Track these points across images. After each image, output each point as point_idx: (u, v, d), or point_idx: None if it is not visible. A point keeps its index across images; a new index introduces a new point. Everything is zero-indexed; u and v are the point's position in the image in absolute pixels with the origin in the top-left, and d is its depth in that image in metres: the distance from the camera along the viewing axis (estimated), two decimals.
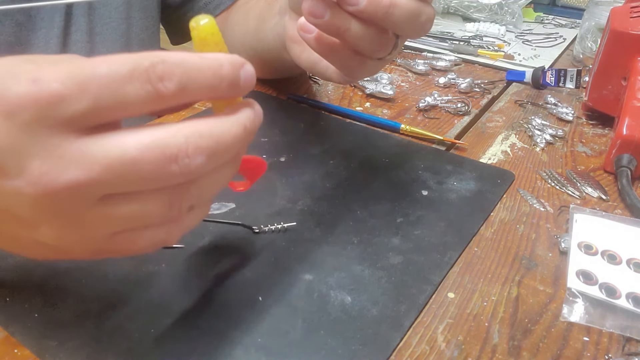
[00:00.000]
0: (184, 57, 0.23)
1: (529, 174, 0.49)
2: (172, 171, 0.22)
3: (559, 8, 1.09)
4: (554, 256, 0.39)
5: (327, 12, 0.32)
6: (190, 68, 0.23)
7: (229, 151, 0.24)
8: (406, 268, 0.36)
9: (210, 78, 0.23)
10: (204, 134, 0.23)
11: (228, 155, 0.25)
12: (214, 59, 0.24)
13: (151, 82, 0.22)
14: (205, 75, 0.23)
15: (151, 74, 0.22)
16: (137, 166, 0.22)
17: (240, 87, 0.25)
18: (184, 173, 0.23)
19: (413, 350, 0.31)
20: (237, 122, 0.25)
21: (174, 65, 0.22)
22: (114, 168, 0.21)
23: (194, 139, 0.23)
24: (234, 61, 0.24)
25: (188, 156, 0.22)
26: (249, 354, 0.30)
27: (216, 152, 0.23)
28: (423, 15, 0.33)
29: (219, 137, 0.24)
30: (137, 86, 0.21)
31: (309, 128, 0.55)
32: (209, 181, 0.25)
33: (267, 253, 0.37)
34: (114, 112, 0.22)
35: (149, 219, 0.24)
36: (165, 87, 0.22)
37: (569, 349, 0.31)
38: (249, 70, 0.25)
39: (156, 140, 0.22)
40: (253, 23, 0.57)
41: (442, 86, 0.68)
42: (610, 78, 0.56)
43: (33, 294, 0.33)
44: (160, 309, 0.32)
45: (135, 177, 0.22)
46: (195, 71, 0.23)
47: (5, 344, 0.30)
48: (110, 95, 0.21)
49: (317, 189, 0.45)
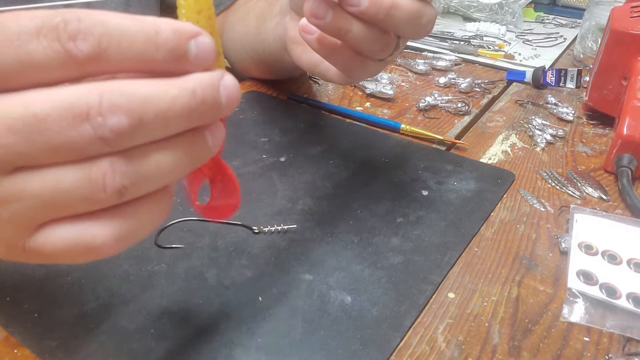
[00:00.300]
0: (108, 18, 0.19)
1: (529, 174, 0.49)
2: (84, 132, 0.19)
3: (560, 8, 1.09)
4: (554, 256, 0.39)
5: (328, 13, 0.32)
6: (114, 29, 0.19)
7: (167, 120, 0.20)
8: (406, 268, 0.36)
9: (141, 44, 0.19)
10: (126, 92, 0.19)
11: (168, 126, 0.20)
12: (151, 22, 0.20)
13: (60, 41, 0.18)
14: (133, 40, 0.19)
15: (61, 30, 0.18)
16: (42, 125, 0.19)
17: (190, 61, 0.20)
18: (100, 136, 0.19)
19: (413, 351, 0.31)
20: (180, 85, 0.20)
21: (93, 24, 0.19)
22: (17, 128, 0.19)
23: (110, 96, 0.19)
24: (180, 29, 0.20)
25: (101, 114, 0.19)
26: (249, 354, 0.30)
27: (143, 115, 0.19)
28: (424, 17, 0.33)
29: (148, 98, 0.19)
30: (44, 44, 0.18)
31: (309, 128, 0.55)
32: (147, 159, 0.21)
33: (267, 253, 0.37)
34: (19, 73, 0.19)
35: (70, 200, 0.20)
36: (77, 47, 0.18)
37: (569, 349, 0.31)
38: (204, 42, 0.21)
39: (65, 97, 0.19)
40: (253, 23, 0.57)
41: (442, 86, 0.68)
42: (610, 78, 0.56)
43: (33, 294, 0.33)
44: (160, 309, 0.32)
45: (42, 139, 0.19)
46: (119, 34, 0.19)
47: (5, 344, 0.30)
48: (12, 53, 0.18)
49: (317, 189, 0.45)
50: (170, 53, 0.20)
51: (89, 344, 0.30)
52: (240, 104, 0.59)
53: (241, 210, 0.42)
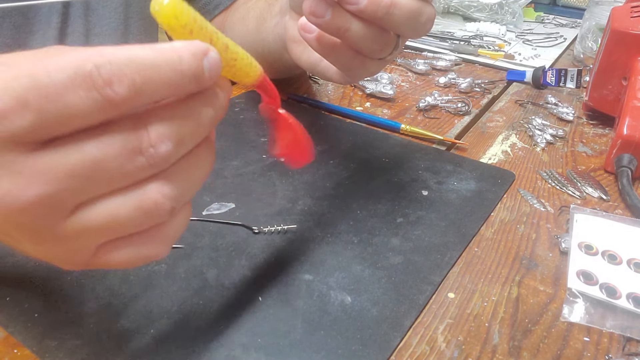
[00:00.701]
0: (135, 54, 0.20)
1: (529, 174, 0.49)
2: (138, 164, 0.21)
3: (560, 8, 1.09)
4: (554, 256, 0.39)
5: (328, 11, 0.32)
6: (143, 66, 0.20)
7: (203, 134, 0.23)
8: (406, 268, 0.36)
9: (170, 75, 0.21)
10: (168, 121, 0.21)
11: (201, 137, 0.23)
12: (172, 50, 0.21)
13: (97, 89, 0.19)
14: (162, 72, 0.20)
15: (96, 78, 0.19)
16: (100, 165, 0.20)
17: (206, 79, 0.22)
18: (151, 164, 0.21)
19: (413, 351, 0.31)
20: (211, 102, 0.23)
21: (123, 64, 0.19)
22: (77, 172, 0.20)
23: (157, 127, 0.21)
24: (195, 50, 0.21)
25: (152, 145, 0.21)
26: (249, 354, 0.30)
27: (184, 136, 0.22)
28: (424, 15, 0.33)
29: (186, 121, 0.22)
30: (81, 95, 0.19)
31: (309, 128, 0.55)
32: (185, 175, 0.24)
33: (267, 253, 0.37)
34: (63, 125, 0.20)
35: (127, 227, 0.23)
36: (114, 92, 0.19)
37: (569, 349, 0.31)
38: (213, 58, 0.22)
39: (117, 137, 0.20)
40: (253, 23, 0.57)
41: (442, 86, 0.68)
42: (610, 78, 0.56)
43: (33, 294, 0.33)
44: (160, 309, 0.32)
45: (102, 177, 0.21)
46: (150, 69, 0.20)
47: (5, 344, 0.30)
48: (53, 108, 0.19)
49: (317, 189, 0.45)
50: (194, 77, 0.21)
51: (89, 344, 0.30)
52: (240, 104, 0.59)
53: (241, 210, 0.42)
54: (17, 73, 0.19)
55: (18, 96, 0.19)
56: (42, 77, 0.19)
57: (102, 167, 0.20)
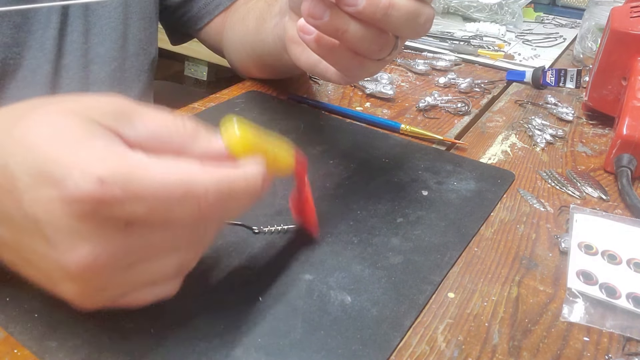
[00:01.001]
0: (233, 179, 0.25)
1: (529, 174, 0.49)
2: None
3: (559, 8, 1.09)
4: (554, 256, 0.39)
5: (326, 13, 0.32)
6: (236, 192, 0.25)
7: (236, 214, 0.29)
8: (406, 268, 0.36)
9: (250, 195, 0.26)
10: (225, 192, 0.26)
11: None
12: (253, 177, 0.26)
13: (201, 210, 0.24)
14: (246, 195, 0.26)
15: (202, 202, 0.24)
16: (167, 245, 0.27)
17: (260, 195, 0.27)
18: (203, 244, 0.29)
19: (413, 351, 0.31)
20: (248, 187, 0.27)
21: (223, 194, 0.25)
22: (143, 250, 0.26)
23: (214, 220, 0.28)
24: (264, 174, 0.27)
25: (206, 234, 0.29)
26: (249, 354, 0.30)
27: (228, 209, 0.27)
28: (422, 16, 0.33)
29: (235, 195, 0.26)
30: (186, 209, 0.24)
31: (309, 128, 0.55)
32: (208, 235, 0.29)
33: (267, 253, 0.37)
34: (160, 222, 0.25)
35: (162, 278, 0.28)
36: (210, 211, 0.25)
37: (569, 349, 0.31)
38: (269, 180, 0.28)
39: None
40: (253, 24, 0.57)
41: (442, 86, 0.68)
42: (610, 78, 0.56)
43: (33, 294, 0.33)
44: (160, 309, 0.32)
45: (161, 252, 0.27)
46: (239, 194, 0.26)
47: (5, 344, 0.30)
48: (160, 211, 0.24)
49: (317, 189, 0.45)
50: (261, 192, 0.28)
51: (89, 344, 0.30)
52: (240, 104, 0.59)
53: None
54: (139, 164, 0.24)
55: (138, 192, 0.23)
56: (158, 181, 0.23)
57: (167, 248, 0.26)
